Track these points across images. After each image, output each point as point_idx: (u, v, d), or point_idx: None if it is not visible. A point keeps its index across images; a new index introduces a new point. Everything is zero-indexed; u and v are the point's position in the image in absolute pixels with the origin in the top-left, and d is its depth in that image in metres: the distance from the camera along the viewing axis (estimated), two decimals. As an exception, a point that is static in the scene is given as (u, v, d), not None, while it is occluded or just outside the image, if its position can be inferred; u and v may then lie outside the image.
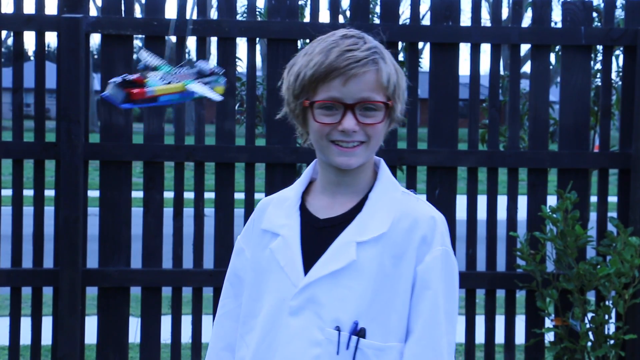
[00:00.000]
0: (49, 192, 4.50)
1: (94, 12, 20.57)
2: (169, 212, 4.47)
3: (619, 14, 5.70)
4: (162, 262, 4.53)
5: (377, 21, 5.21)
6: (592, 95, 5.29)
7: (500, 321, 4.65)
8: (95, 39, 41.03)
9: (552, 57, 5.41)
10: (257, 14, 5.40)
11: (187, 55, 4.69)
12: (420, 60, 5.32)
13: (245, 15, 5.26)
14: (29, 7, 4.51)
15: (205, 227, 4.55)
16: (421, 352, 1.86)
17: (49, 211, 4.48)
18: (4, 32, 7.06)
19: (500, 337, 4.66)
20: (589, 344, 4.34)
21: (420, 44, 4.91)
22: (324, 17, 4.65)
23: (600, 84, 4.79)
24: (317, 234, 1.93)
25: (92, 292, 4.63)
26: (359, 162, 1.90)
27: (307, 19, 5.38)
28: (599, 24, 5.34)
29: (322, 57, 1.85)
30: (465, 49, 4.88)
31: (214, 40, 4.57)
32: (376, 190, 1.94)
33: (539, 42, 4.55)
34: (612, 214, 4.62)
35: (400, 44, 4.63)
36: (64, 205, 4.34)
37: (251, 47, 4.57)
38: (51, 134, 4.55)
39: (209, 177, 7.11)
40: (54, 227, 4.47)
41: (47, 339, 4.59)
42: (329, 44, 1.87)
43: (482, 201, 4.56)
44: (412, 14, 4.63)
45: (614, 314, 4.52)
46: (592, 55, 4.91)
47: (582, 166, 4.57)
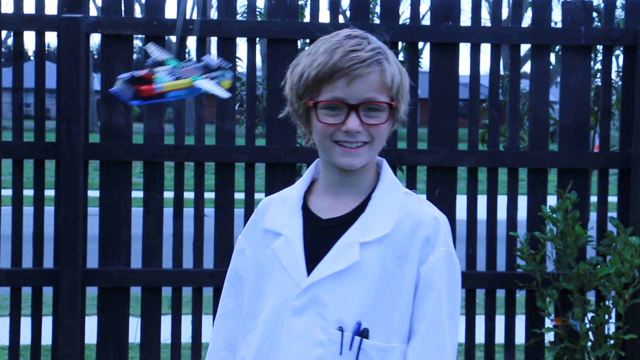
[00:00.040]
0: (49, 192, 4.50)
1: (94, 12, 20.56)
2: (169, 212, 4.47)
3: (619, 14, 5.70)
4: (162, 262, 4.53)
5: (377, 21, 5.21)
6: (592, 95, 5.29)
7: (500, 321, 4.65)
8: (95, 39, 40.98)
9: (552, 57, 5.40)
10: (257, 14, 5.40)
11: (187, 55, 4.68)
12: (420, 60, 5.33)
13: (245, 15, 5.27)
14: (29, 7, 4.51)
15: (205, 227, 4.55)
16: (425, 353, 1.86)
17: (49, 211, 4.48)
18: (4, 32, 7.05)
19: (500, 337, 4.66)
20: (589, 344, 4.34)
21: (420, 44, 4.91)
22: (324, 17, 4.66)
23: (600, 84, 4.79)
24: (320, 234, 1.92)
25: (92, 292, 4.63)
26: (362, 162, 1.89)
27: (307, 19, 5.38)
28: (599, 24, 5.34)
29: (326, 57, 1.84)
30: (465, 49, 4.88)
31: (214, 40, 4.57)
32: (379, 190, 1.94)
33: (539, 42, 4.55)
34: (612, 214, 4.62)
35: (400, 44, 4.63)
36: (64, 205, 4.34)
37: (251, 47, 4.57)
38: (51, 134, 4.55)
39: (209, 177, 7.10)
40: (54, 227, 4.47)
41: (47, 339, 4.59)
42: (333, 44, 1.86)
43: (482, 201, 4.56)
44: (412, 14, 4.63)
45: (614, 314, 4.52)
46: (592, 55, 4.91)
47: (582, 166, 4.57)
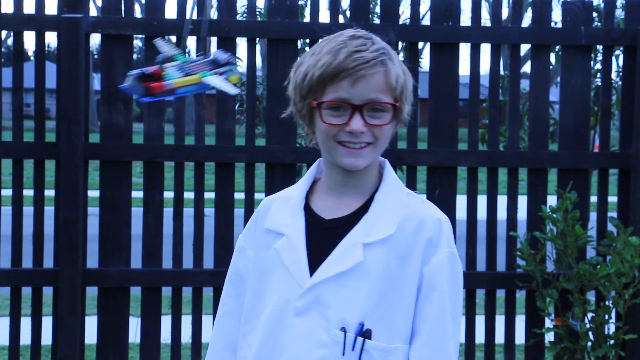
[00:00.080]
0: (49, 192, 4.50)
1: (94, 12, 20.56)
2: (169, 212, 4.47)
3: (619, 14, 5.70)
4: (162, 262, 4.53)
5: (377, 21, 5.21)
6: (592, 95, 5.29)
7: (500, 321, 4.65)
8: (95, 39, 40.97)
9: (552, 57, 5.41)
10: (257, 14, 5.40)
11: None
12: (420, 60, 5.32)
13: (245, 15, 5.27)
14: (29, 7, 4.51)
15: (205, 227, 4.55)
16: (430, 354, 1.86)
17: (49, 211, 4.48)
18: (4, 32, 7.05)
19: (500, 337, 4.66)
20: (589, 344, 4.34)
21: (420, 44, 4.91)
22: (324, 17, 4.66)
23: (600, 84, 4.79)
24: (323, 235, 1.92)
25: (92, 292, 4.63)
26: (365, 163, 1.89)
27: (307, 19, 5.37)
28: (599, 24, 5.34)
29: (330, 58, 1.84)
30: (465, 49, 4.88)
31: (214, 40, 4.57)
32: (382, 191, 1.94)
33: (539, 42, 4.55)
34: (612, 214, 4.62)
35: (400, 44, 4.63)
36: (64, 205, 4.34)
37: (251, 47, 4.57)
38: (51, 134, 4.55)
39: (209, 177, 7.11)
40: (54, 227, 4.47)
41: (47, 339, 4.59)
42: (338, 44, 1.85)
43: (482, 201, 4.56)
44: (412, 14, 4.63)
45: (614, 314, 4.52)
46: (592, 55, 4.91)
47: (582, 166, 4.57)
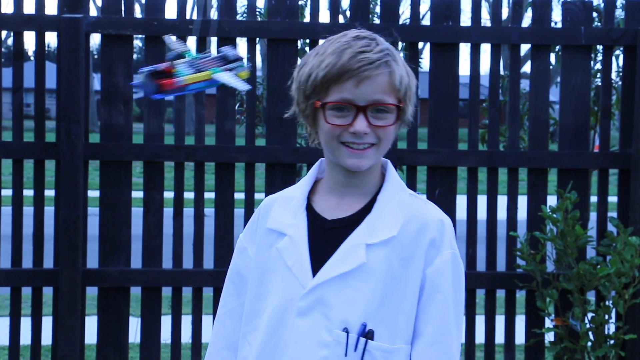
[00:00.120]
0: (49, 192, 4.50)
1: (94, 12, 20.56)
2: (169, 212, 4.47)
3: (619, 14, 5.70)
4: (162, 262, 4.53)
5: (377, 21, 5.21)
6: (592, 95, 5.29)
7: (500, 321, 4.65)
8: (95, 39, 40.96)
9: (552, 57, 5.41)
10: (257, 14, 5.40)
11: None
12: (420, 60, 5.32)
13: (245, 15, 5.27)
14: (29, 7, 4.51)
15: (205, 227, 4.55)
16: (434, 355, 1.87)
17: (49, 211, 4.48)
18: (4, 32, 7.05)
19: (500, 337, 4.66)
20: (589, 344, 4.34)
21: (420, 44, 4.90)
22: (324, 17, 4.66)
23: (600, 84, 4.79)
24: (325, 235, 1.92)
25: (92, 292, 4.63)
26: (369, 164, 1.89)
27: (307, 19, 5.37)
28: (599, 24, 5.34)
29: (334, 58, 1.83)
30: (465, 49, 4.88)
31: (214, 40, 4.57)
32: (385, 192, 1.94)
33: (539, 42, 4.55)
34: (612, 214, 4.62)
35: (400, 44, 4.63)
36: (64, 205, 4.34)
37: (251, 47, 4.57)
38: (51, 134, 4.55)
39: (209, 177, 7.10)
40: (54, 227, 4.47)
41: (47, 339, 4.59)
42: (342, 44, 1.85)
43: (482, 201, 4.56)
44: (412, 14, 4.63)
45: (614, 314, 4.52)
46: (592, 55, 4.91)
47: (582, 166, 4.57)
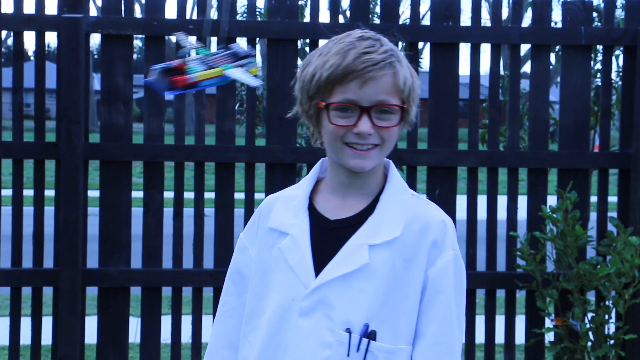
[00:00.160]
0: (49, 192, 4.50)
1: (94, 12, 20.56)
2: (169, 212, 4.47)
3: (619, 14, 5.70)
4: (162, 262, 4.53)
5: (377, 21, 5.21)
6: (592, 95, 5.29)
7: (500, 321, 4.65)
8: (95, 39, 40.97)
9: (552, 57, 5.41)
10: (257, 14, 5.40)
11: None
12: (420, 60, 5.32)
13: (245, 15, 5.26)
14: (29, 7, 4.51)
15: (205, 227, 4.55)
16: (437, 356, 1.87)
17: (49, 211, 4.48)
18: (4, 32, 7.05)
19: (500, 337, 4.66)
20: (589, 344, 4.34)
21: (420, 44, 4.90)
22: (324, 17, 4.66)
23: (600, 84, 4.79)
24: (328, 235, 1.92)
25: (92, 292, 4.63)
26: (372, 164, 1.89)
27: (307, 19, 5.37)
28: (599, 24, 5.34)
29: (338, 59, 1.83)
30: (465, 49, 4.88)
31: (214, 40, 4.57)
32: (387, 192, 1.93)
33: (539, 42, 4.55)
34: (612, 214, 4.62)
35: (400, 44, 4.63)
36: (64, 205, 4.34)
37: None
38: (51, 134, 4.55)
39: (209, 177, 7.11)
40: (54, 227, 4.47)
41: (47, 339, 4.59)
42: (346, 45, 1.85)
43: (482, 201, 4.56)
44: (412, 14, 4.63)
45: (614, 314, 4.52)
46: (592, 55, 4.91)
47: (582, 166, 4.57)
